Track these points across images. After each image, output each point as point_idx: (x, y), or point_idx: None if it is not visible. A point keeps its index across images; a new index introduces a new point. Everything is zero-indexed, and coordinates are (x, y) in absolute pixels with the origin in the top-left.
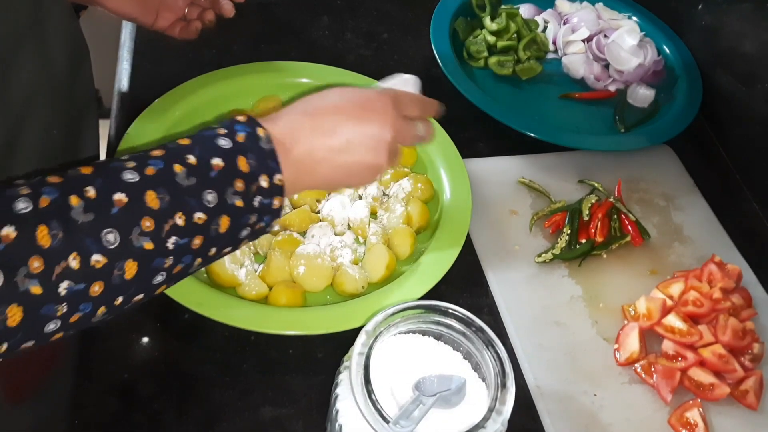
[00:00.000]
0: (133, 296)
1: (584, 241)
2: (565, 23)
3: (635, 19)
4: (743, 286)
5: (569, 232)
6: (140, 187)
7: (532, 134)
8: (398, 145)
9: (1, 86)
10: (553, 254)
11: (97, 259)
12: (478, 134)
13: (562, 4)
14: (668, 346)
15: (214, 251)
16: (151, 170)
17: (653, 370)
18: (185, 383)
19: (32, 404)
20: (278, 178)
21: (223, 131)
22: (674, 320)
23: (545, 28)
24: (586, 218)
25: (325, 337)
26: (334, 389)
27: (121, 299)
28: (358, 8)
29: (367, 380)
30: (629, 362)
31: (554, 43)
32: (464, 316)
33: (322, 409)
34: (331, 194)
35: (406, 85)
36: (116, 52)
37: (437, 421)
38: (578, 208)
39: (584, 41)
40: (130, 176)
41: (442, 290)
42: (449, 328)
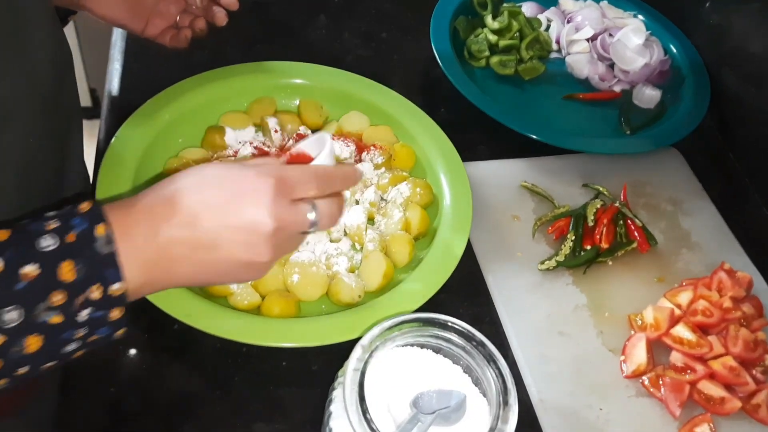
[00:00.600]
0: None
1: (589, 247)
2: (568, 22)
3: (641, 17)
4: (754, 294)
5: (573, 238)
6: None
7: (534, 136)
8: (290, 234)
9: None
10: (556, 261)
11: None
12: (478, 136)
13: (565, 2)
14: (677, 357)
15: (25, 370)
16: None
17: (661, 383)
18: (174, 398)
19: (15, 421)
20: (116, 288)
21: (53, 225)
22: (683, 331)
23: (548, 26)
24: (590, 224)
25: (319, 348)
26: (327, 406)
27: None
28: (356, 7)
29: (361, 398)
30: (636, 375)
31: (557, 42)
32: (464, 329)
33: (316, 425)
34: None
35: (318, 147)
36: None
37: None
38: (583, 213)
39: (588, 40)
40: None
41: (441, 299)
42: (448, 342)
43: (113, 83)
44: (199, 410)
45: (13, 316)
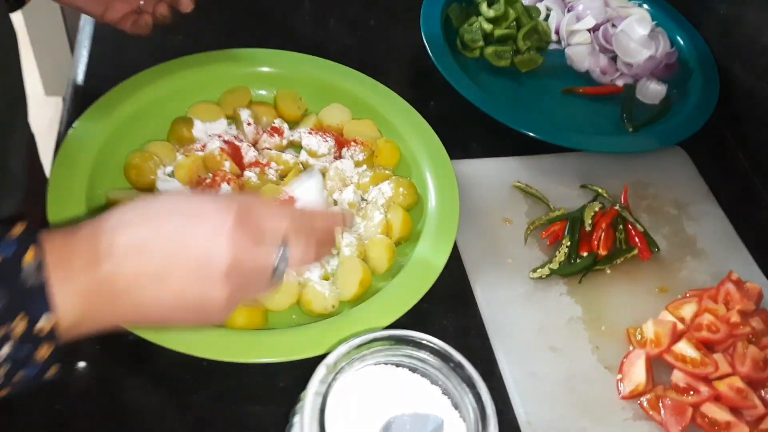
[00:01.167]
0: None
1: (586, 254)
2: (569, 11)
3: (646, 6)
4: (764, 307)
5: (569, 244)
6: None
7: (530, 133)
8: (252, 271)
9: None
10: (550, 269)
11: None
12: (470, 133)
13: None
14: (679, 377)
15: None
16: None
17: (661, 404)
18: (128, 416)
19: None
20: (45, 322)
21: None
22: (686, 347)
23: (547, 15)
24: (588, 228)
25: (288, 363)
26: (287, 431)
27: None
28: None
29: (322, 427)
30: (634, 395)
31: (557, 32)
32: (441, 349)
33: None
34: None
35: (308, 192)
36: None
37: None
38: (579, 216)
39: (590, 31)
40: None
41: (424, 309)
42: (424, 362)
43: (78, 70)
44: (155, 430)
45: None
